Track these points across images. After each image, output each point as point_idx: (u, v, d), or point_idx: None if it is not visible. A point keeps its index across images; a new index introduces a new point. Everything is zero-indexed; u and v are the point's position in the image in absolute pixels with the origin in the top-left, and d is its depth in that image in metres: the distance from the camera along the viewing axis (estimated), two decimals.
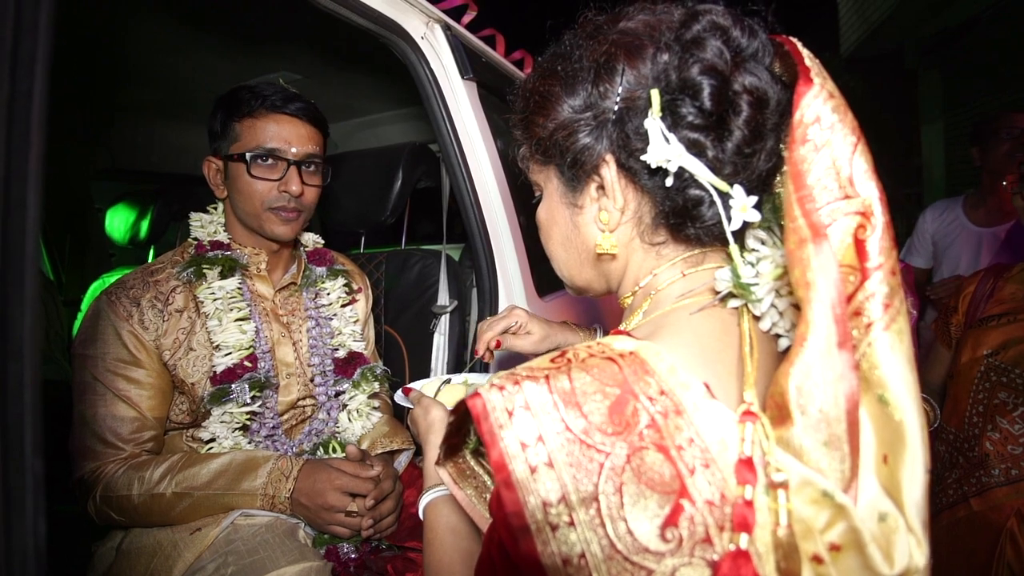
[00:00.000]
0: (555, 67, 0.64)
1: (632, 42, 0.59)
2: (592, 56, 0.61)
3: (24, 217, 0.29)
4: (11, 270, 0.28)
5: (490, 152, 1.52)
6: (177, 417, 1.15)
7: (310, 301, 1.32)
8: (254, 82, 1.21)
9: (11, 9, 0.29)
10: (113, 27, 1.42)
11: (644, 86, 0.58)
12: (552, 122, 0.63)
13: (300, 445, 1.23)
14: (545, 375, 0.49)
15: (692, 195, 0.59)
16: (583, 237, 0.67)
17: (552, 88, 0.63)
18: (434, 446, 0.81)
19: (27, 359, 0.29)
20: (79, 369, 1.09)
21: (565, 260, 0.72)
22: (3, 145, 0.30)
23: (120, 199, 2.26)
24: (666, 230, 0.64)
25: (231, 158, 1.17)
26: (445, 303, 1.58)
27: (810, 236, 0.46)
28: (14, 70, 0.29)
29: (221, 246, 1.22)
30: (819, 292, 0.44)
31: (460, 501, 0.75)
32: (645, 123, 0.56)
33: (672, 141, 0.56)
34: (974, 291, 1.58)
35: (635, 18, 0.62)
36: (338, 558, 1.09)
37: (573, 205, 0.67)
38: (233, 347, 1.15)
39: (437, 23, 1.44)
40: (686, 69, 0.56)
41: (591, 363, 0.50)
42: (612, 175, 0.61)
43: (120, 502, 1.03)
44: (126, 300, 1.11)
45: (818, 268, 0.45)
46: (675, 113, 0.57)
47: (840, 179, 0.50)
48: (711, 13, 0.59)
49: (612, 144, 0.61)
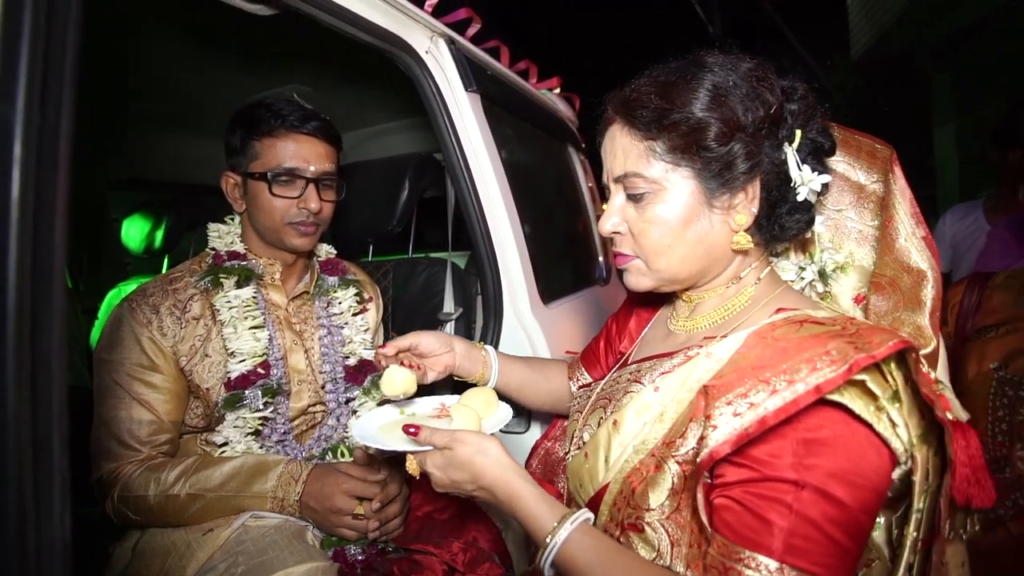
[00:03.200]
0: (723, 88, 0.76)
1: (774, 91, 0.78)
2: (755, 92, 0.77)
3: (52, 240, 0.32)
4: (41, 288, 0.32)
5: (494, 162, 1.54)
6: (192, 421, 1.18)
7: (322, 310, 1.35)
8: (268, 97, 1.25)
9: (40, 53, 0.33)
10: (129, 45, 1.47)
11: (784, 129, 0.79)
12: (725, 137, 0.75)
13: (310, 450, 1.25)
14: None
15: (801, 215, 0.81)
16: (715, 234, 0.80)
17: (728, 115, 0.76)
18: (520, 480, 0.76)
19: (55, 369, 0.32)
20: (100, 373, 1.13)
21: (685, 254, 0.82)
22: (33, 175, 0.33)
23: (135, 210, 2.33)
24: (762, 236, 0.82)
25: (252, 176, 1.21)
26: (451, 310, 1.61)
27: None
28: (44, 106, 0.33)
29: (237, 256, 1.26)
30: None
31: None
32: (784, 154, 0.79)
33: (805, 171, 0.78)
34: (960, 302, 1.52)
35: (773, 78, 0.79)
36: (345, 559, 1.11)
37: (711, 206, 0.79)
38: (247, 354, 1.18)
39: (441, 37, 1.47)
40: (810, 124, 0.80)
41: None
42: (756, 190, 0.79)
43: (137, 502, 1.07)
44: (146, 307, 1.15)
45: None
46: (801, 152, 0.80)
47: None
48: (800, 84, 0.82)
49: (763, 165, 0.78)
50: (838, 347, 0.64)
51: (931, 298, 0.83)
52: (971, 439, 0.65)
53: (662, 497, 0.72)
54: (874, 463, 0.64)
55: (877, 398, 0.64)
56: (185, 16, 1.34)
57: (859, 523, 0.63)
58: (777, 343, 0.68)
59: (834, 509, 0.61)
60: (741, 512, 0.64)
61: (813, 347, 0.65)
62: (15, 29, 0.36)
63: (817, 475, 0.62)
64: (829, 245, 0.91)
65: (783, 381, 0.63)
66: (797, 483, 0.62)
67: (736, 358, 0.71)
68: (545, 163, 2.28)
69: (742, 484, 0.65)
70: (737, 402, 0.65)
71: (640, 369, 0.87)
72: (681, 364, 0.79)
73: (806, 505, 0.61)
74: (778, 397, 0.62)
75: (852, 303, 0.90)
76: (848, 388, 0.64)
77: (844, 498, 0.61)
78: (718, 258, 0.82)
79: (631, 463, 0.76)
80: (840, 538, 0.61)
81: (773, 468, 0.63)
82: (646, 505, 0.72)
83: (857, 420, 0.64)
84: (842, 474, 0.62)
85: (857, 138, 0.92)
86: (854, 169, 0.91)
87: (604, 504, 0.78)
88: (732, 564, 0.62)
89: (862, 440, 0.64)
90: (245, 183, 1.23)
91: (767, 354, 0.67)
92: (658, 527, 0.71)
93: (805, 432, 0.63)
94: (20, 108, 0.36)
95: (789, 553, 0.60)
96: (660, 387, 0.79)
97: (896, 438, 0.65)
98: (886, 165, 0.88)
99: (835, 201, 0.92)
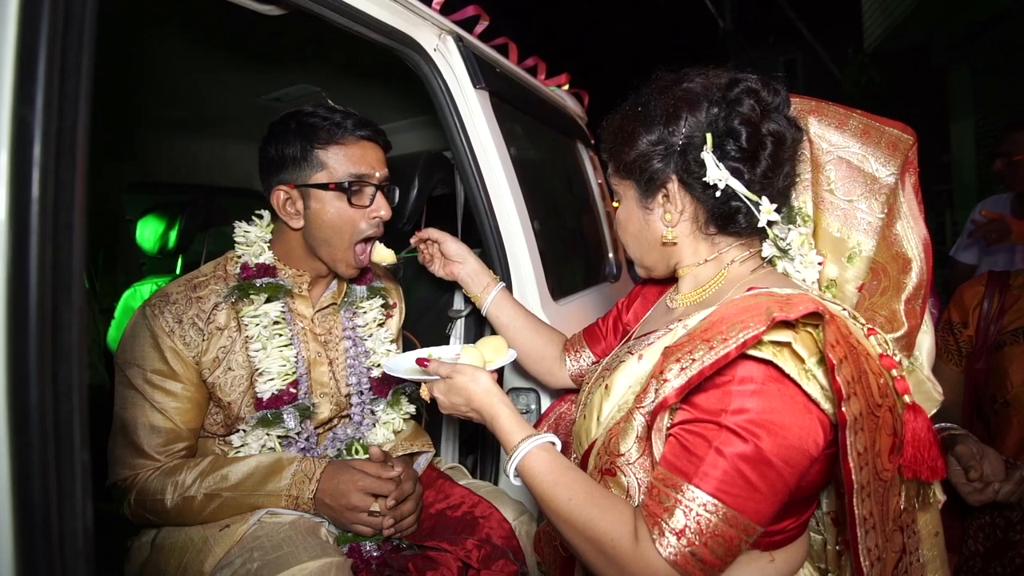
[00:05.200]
0: (636, 111, 0.92)
1: (692, 98, 0.88)
2: (664, 106, 0.89)
3: (71, 238, 0.33)
4: (61, 284, 0.32)
5: (503, 160, 1.54)
6: (211, 428, 1.17)
7: (347, 320, 1.31)
8: (310, 104, 1.19)
9: (57, 57, 0.33)
10: (142, 49, 1.49)
11: (701, 129, 0.87)
12: (634, 151, 0.91)
13: (325, 451, 1.25)
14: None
15: (733, 205, 0.88)
16: (652, 231, 0.96)
17: (635, 127, 0.91)
18: (501, 404, 0.92)
19: (75, 363, 0.33)
20: (120, 378, 1.12)
21: (637, 247, 1.01)
22: (52, 175, 0.34)
23: (149, 211, 2.36)
24: (715, 226, 0.92)
25: (320, 187, 1.14)
26: (461, 307, 1.62)
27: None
28: (62, 108, 0.33)
29: (268, 271, 1.20)
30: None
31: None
32: (702, 155, 0.85)
33: (721, 168, 0.85)
34: (981, 304, 1.46)
35: (695, 80, 0.90)
36: (360, 556, 1.12)
37: (645, 208, 0.95)
38: (276, 374, 1.15)
39: (449, 35, 1.47)
40: (730, 120, 0.85)
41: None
42: (675, 189, 0.90)
43: (154, 505, 1.08)
44: (169, 315, 1.11)
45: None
46: (722, 149, 0.86)
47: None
48: (747, 80, 0.88)
49: (676, 168, 0.89)
50: (768, 309, 0.72)
51: (912, 285, 0.92)
52: (920, 420, 0.74)
53: (630, 444, 0.83)
54: (800, 419, 0.73)
55: (803, 360, 0.73)
56: (195, 19, 1.35)
57: (774, 468, 0.71)
58: (727, 311, 0.77)
59: (750, 450, 0.71)
60: (676, 446, 0.76)
61: (751, 312, 0.74)
62: (33, 34, 0.37)
63: (739, 419, 0.72)
64: (838, 235, 0.96)
65: (719, 340, 0.73)
66: (720, 424, 0.73)
67: (696, 326, 0.81)
68: (554, 160, 2.28)
69: (680, 424, 0.77)
70: (684, 359, 0.75)
71: (636, 343, 0.98)
72: (662, 336, 0.90)
73: (725, 443, 0.72)
74: (714, 352, 0.72)
75: (856, 292, 0.95)
76: (780, 350, 0.73)
77: (761, 443, 0.71)
78: (666, 249, 0.97)
79: (614, 419, 0.88)
80: (751, 476, 0.71)
81: (705, 412, 0.75)
82: (618, 451, 0.84)
83: (788, 379, 0.73)
84: (762, 422, 0.71)
85: (880, 128, 0.93)
86: (868, 160, 0.93)
87: (591, 456, 0.90)
88: (662, 486, 0.75)
89: (789, 397, 0.73)
90: (305, 197, 1.16)
91: (715, 320, 0.77)
92: (628, 471, 0.83)
93: (738, 384, 0.73)
94: (39, 110, 0.36)
95: (703, 481, 0.71)
96: (643, 355, 0.90)
97: (826, 399, 0.73)
98: (906, 156, 0.92)
99: (847, 192, 0.94)
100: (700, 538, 0.70)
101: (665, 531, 0.71)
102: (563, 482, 0.81)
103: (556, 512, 0.80)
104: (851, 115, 0.95)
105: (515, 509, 1.26)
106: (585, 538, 0.77)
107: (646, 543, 0.72)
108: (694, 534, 0.70)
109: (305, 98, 1.89)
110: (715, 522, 0.70)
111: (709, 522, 0.71)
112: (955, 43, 6.17)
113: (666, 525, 0.72)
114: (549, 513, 0.81)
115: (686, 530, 0.71)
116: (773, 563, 0.86)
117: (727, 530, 0.71)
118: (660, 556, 0.71)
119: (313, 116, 1.15)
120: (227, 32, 1.42)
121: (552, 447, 0.86)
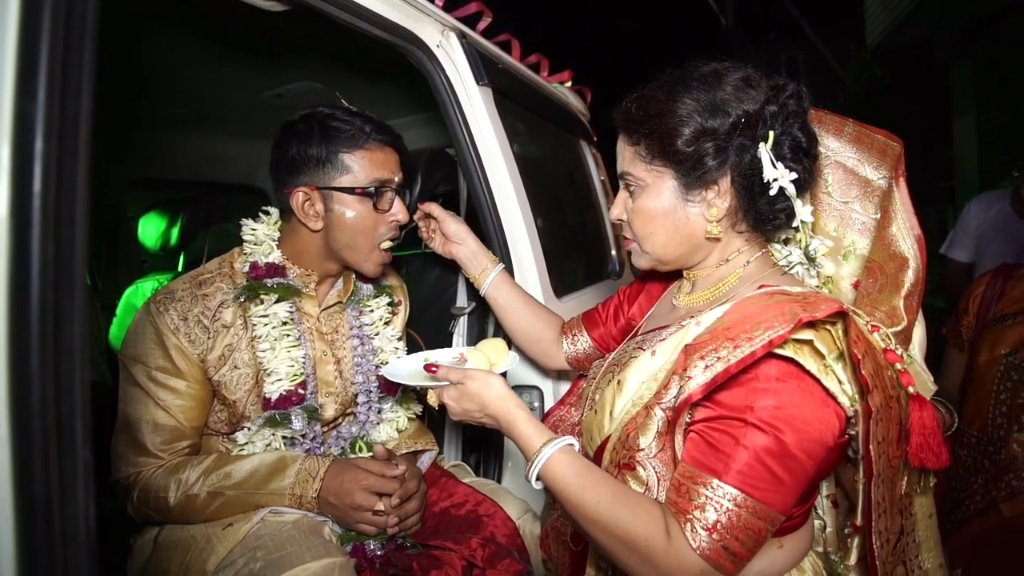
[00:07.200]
0: (681, 98, 0.88)
1: (747, 96, 0.86)
2: (716, 98, 0.86)
3: (73, 232, 0.33)
4: (63, 278, 0.32)
5: (506, 156, 1.54)
6: (215, 426, 1.16)
7: (354, 319, 1.30)
8: (327, 106, 1.18)
9: (59, 50, 0.33)
10: (143, 45, 1.48)
11: (761, 127, 0.86)
12: (682, 140, 0.87)
13: (328, 449, 1.25)
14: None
15: (779, 206, 0.89)
16: (692, 224, 0.92)
17: (688, 114, 0.87)
18: (517, 409, 0.89)
19: (77, 359, 0.32)
20: (124, 374, 1.11)
21: (665, 239, 0.95)
22: (54, 169, 0.33)
23: (151, 208, 2.35)
24: (747, 224, 0.92)
25: (346, 191, 1.14)
26: (464, 305, 1.61)
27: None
28: (64, 102, 0.33)
29: (277, 271, 1.18)
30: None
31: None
32: (758, 152, 0.86)
33: (779, 167, 0.85)
34: (983, 292, 1.55)
35: (735, 73, 0.88)
36: (364, 555, 1.12)
37: (687, 200, 0.91)
38: (284, 374, 1.15)
39: (452, 31, 1.47)
40: (787, 121, 0.87)
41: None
42: (727, 184, 0.89)
43: (157, 502, 1.07)
44: (174, 313, 1.10)
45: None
46: (779, 148, 0.86)
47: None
48: (791, 82, 0.89)
49: (732, 162, 0.88)
50: (791, 310, 0.75)
51: (909, 282, 0.96)
52: (925, 410, 0.77)
53: (650, 439, 0.84)
54: (819, 413, 0.76)
55: (824, 357, 0.76)
56: (197, 14, 1.34)
57: (797, 461, 0.74)
58: (747, 310, 0.80)
59: (774, 445, 0.73)
60: (700, 443, 0.78)
61: (774, 312, 0.76)
62: (35, 28, 0.37)
63: (763, 415, 0.74)
64: (834, 234, 1.01)
65: (744, 339, 0.75)
66: (746, 421, 0.74)
67: (714, 324, 0.83)
68: (557, 157, 2.27)
69: (705, 421, 0.79)
70: (708, 356, 0.77)
71: (645, 339, 0.99)
72: (675, 332, 0.91)
73: (750, 439, 0.74)
74: (739, 351, 0.74)
75: (850, 288, 1.01)
76: (800, 347, 0.76)
77: (785, 437, 0.73)
78: (699, 243, 0.94)
79: (629, 415, 0.88)
80: (777, 470, 0.73)
81: (730, 408, 0.76)
82: (637, 446, 0.85)
83: (808, 375, 0.76)
84: (785, 417, 0.74)
85: (871, 135, 1.00)
86: (863, 164, 1.00)
87: (606, 451, 0.90)
88: (689, 483, 0.76)
89: (809, 392, 0.76)
90: (326, 199, 1.15)
91: (737, 319, 0.79)
92: (647, 465, 0.84)
93: (761, 381, 0.76)
94: (41, 103, 0.36)
95: (732, 476, 0.74)
96: (657, 351, 0.90)
97: (843, 393, 0.77)
98: (895, 162, 0.98)
99: (843, 194, 1.01)
100: (731, 532, 0.73)
101: (697, 527, 0.73)
102: (589, 485, 0.80)
103: (585, 515, 0.79)
104: (846, 123, 1.01)
105: (519, 507, 1.26)
106: (617, 539, 0.77)
107: (679, 540, 0.74)
108: (725, 528, 0.73)
109: (307, 94, 1.88)
110: (745, 516, 0.73)
111: (740, 516, 0.73)
112: (957, 39, 6.14)
113: (697, 521, 0.73)
114: (577, 516, 0.81)
115: (717, 525, 0.73)
116: (782, 549, 0.89)
117: (756, 523, 0.73)
118: (693, 551, 0.73)
119: (335, 119, 1.14)
120: (229, 28, 1.41)
121: (572, 449, 0.85)
